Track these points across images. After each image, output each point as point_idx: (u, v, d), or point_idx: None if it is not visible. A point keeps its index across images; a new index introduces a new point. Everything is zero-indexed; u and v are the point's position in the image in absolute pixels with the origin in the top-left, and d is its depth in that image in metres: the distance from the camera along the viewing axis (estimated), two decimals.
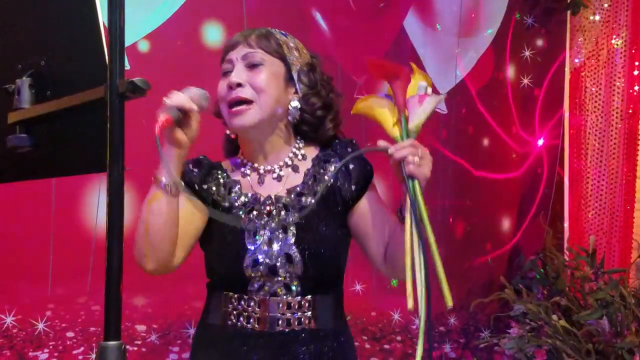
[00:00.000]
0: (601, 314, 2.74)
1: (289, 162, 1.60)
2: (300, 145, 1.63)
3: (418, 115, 1.44)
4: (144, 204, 1.50)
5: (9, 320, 2.49)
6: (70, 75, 1.13)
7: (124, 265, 1.01)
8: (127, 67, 2.38)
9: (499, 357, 3.32)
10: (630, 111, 3.55)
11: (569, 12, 3.64)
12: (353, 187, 1.57)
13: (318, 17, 3.04)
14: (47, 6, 1.19)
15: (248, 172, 1.61)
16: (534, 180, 3.78)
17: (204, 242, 1.61)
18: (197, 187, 1.60)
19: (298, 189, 1.57)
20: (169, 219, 1.48)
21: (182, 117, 1.42)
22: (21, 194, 2.44)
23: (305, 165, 1.61)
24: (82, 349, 2.60)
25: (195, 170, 1.61)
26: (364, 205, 1.59)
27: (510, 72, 3.70)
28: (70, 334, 2.59)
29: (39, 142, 1.17)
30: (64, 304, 2.58)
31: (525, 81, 3.70)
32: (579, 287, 2.93)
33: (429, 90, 1.46)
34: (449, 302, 1.33)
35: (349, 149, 1.59)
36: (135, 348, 2.68)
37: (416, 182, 1.40)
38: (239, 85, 1.53)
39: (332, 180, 1.56)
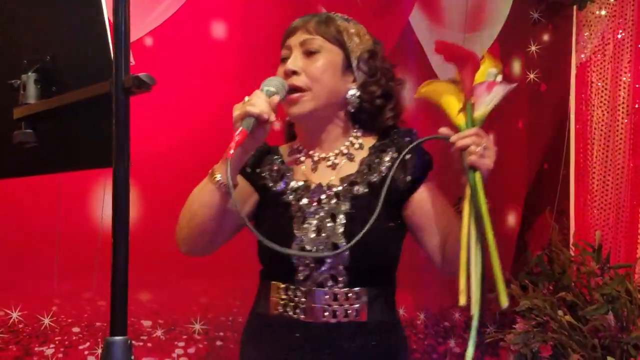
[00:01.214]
0: (607, 309, 2.74)
1: (345, 151, 1.57)
2: (358, 134, 1.58)
3: (485, 104, 1.37)
4: (193, 193, 1.50)
5: (15, 315, 2.50)
6: (76, 71, 1.14)
7: (130, 260, 1.01)
8: (132, 62, 2.38)
9: (505, 352, 3.31)
10: (637, 106, 3.53)
11: (575, 7, 3.62)
12: (408, 178, 1.51)
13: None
14: (52, 2, 1.19)
15: (302, 158, 1.59)
16: (540, 175, 3.77)
17: (256, 228, 1.59)
18: (248, 170, 1.59)
19: (351, 178, 1.53)
20: (214, 213, 1.47)
21: (257, 123, 1.38)
22: (27, 190, 2.45)
23: (361, 155, 1.56)
24: (88, 344, 2.60)
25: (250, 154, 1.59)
26: (420, 197, 1.53)
27: (516, 67, 3.69)
28: (76, 329, 2.60)
29: (44, 138, 1.18)
30: (70, 300, 2.59)
31: (532, 76, 3.69)
32: (585, 282, 2.92)
33: (499, 77, 1.40)
34: (504, 302, 1.30)
35: (407, 138, 1.54)
36: (141, 343, 2.69)
37: (477, 173, 1.34)
38: (295, 72, 1.51)
39: (390, 173, 1.48)
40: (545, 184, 3.76)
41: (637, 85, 3.54)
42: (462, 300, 1.30)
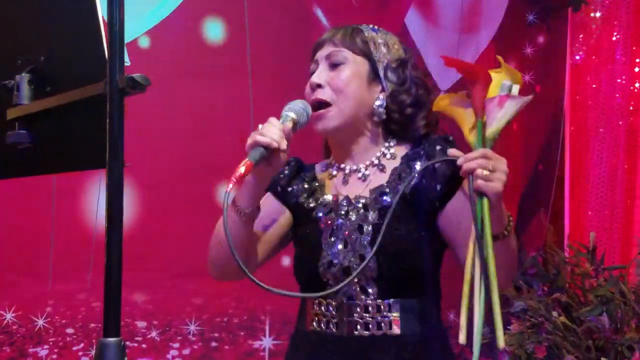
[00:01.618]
0: (601, 310, 2.74)
1: (376, 162, 1.53)
2: (391, 144, 1.55)
3: (497, 120, 1.29)
4: (220, 219, 1.48)
5: (9, 316, 2.50)
6: (70, 71, 1.13)
7: (124, 261, 1.01)
8: (128, 63, 2.38)
9: (499, 353, 3.32)
10: (631, 108, 3.54)
11: (570, 9, 3.63)
12: (438, 187, 1.46)
13: (319, 13, 3.03)
14: (46, 2, 1.18)
15: (335, 172, 1.57)
16: (534, 176, 3.78)
17: (295, 247, 1.60)
18: (280, 190, 1.59)
19: (381, 188, 1.50)
20: (238, 239, 1.44)
21: (267, 153, 1.37)
22: (21, 190, 2.44)
23: (393, 165, 1.53)
24: (82, 345, 2.60)
25: (283, 172, 1.59)
26: (452, 207, 1.46)
27: None
28: (70, 330, 2.59)
29: (38, 139, 1.17)
30: (64, 300, 2.59)
31: (527, 78, 3.70)
32: (580, 283, 2.93)
33: (515, 89, 1.30)
34: (501, 343, 1.21)
35: (438, 147, 1.48)
36: (136, 344, 2.68)
37: (485, 199, 1.26)
38: (319, 86, 1.50)
39: (413, 181, 1.45)
40: (540, 185, 3.76)
41: (631, 87, 3.55)
42: (462, 339, 1.22)
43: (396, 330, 1.46)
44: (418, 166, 1.48)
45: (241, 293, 2.84)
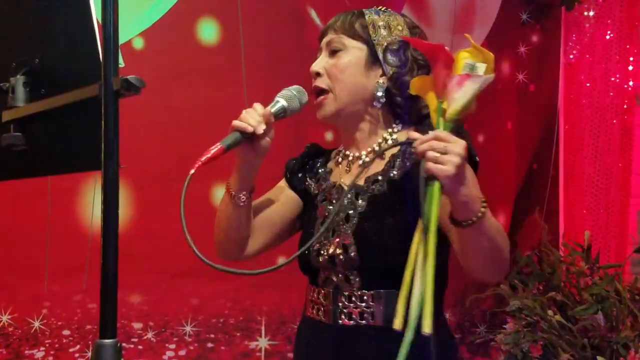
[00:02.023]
0: (596, 309, 2.75)
1: (376, 148, 1.52)
2: (396, 129, 1.53)
3: (455, 101, 1.23)
4: (220, 202, 1.55)
5: (5, 318, 2.49)
6: (65, 73, 1.13)
7: (120, 262, 1.01)
8: (122, 64, 2.38)
9: (495, 352, 3.32)
10: (625, 106, 3.56)
11: (563, 8, 3.64)
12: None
13: (313, 13, 3.03)
14: (40, 4, 1.18)
15: (341, 159, 1.58)
16: (529, 175, 3.79)
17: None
18: (288, 176, 1.62)
19: (376, 176, 1.49)
20: (234, 224, 1.51)
21: (244, 138, 1.39)
22: (17, 192, 2.44)
23: (393, 151, 1.51)
24: (78, 347, 2.60)
25: (296, 158, 1.63)
26: (442, 197, 1.40)
27: (505, 67, 3.71)
28: (66, 332, 2.59)
29: (33, 141, 1.17)
30: (60, 302, 2.58)
31: (520, 77, 3.71)
32: (575, 282, 2.94)
33: (480, 69, 1.25)
34: (426, 328, 1.16)
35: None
36: (132, 346, 2.68)
37: (437, 183, 1.20)
38: (318, 74, 1.51)
39: (406, 167, 1.44)
40: (535, 184, 3.77)
41: (625, 86, 3.56)
42: (397, 324, 1.20)
43: (379, 321, 1.45)
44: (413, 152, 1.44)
45: (237, 294, 2.84)
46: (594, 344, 2.76)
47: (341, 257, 1.46)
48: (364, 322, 1.46)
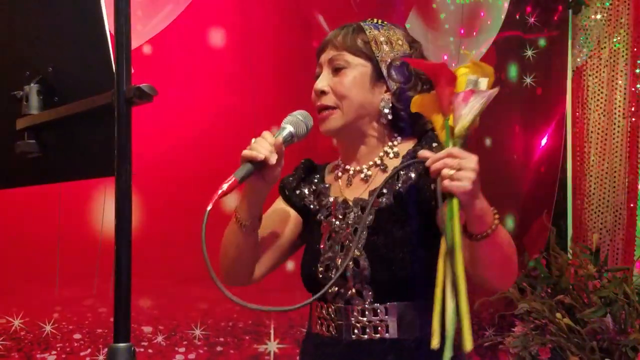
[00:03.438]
0: (605, 311, 2.75)
1: (378, 162, 1.52)
2: (396, 142, 1.53)
3: (463, 117, 1.25)
4: (226, 230, 1.53)
5: (17, 322, 2.51)
6: (78, 82, 1.15)
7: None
8: (132, 70, 2.39)
9: (504, 355, 3.32)
10: (633, 109, 3.55)
11: (570, 11, 3.64)
12: (433, 185, 1.39)
13: (321, 19, 3.05)
14: (54, 13, 1.20)
15: (340, 174, 1.57)
16: (536, 179, 3.79)
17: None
18: (287, 193, 1.59)
19: (383, 189, 1.47)
20: (244, 251, 1.50)
21: (256, 168, 1.38)
22: (28, 198, 2.46)
23: (395, 164, 1.50)
24: (89, 350, 2.62)
25: (292, 175, 1.60)
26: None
27: (513, 71, 3.71)
28: (77, 336, 2.61)
29: (47, 148, 1.19)
30: (71, 306, 2.60)
31: (528, 80, 3.71)
32: (583, 285, 2.93)
33: (482, 83, 1.27)
34: (468, 346, 1.18)
35: (434, 144, 1.44)
36: (142, 349, 2.70)
37: (455, 200, 1.23)
38: (323, 92, 1.49)
39: (411, 179, 1.44)
40: (543, 187, 3.77)
41: (632, 89, 3.56)
42: (435, 343, 1.20)
43: (393, 334, 1.44)
44: (416, 165, 1.45)
45: (245, 298, 2.85)
46: (603, 347, 2.76)
47: (353, 271, 1.44)
48: (377, 335, 1.45)
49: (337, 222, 1.50)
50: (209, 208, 1.32)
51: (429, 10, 3.44)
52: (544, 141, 3.78)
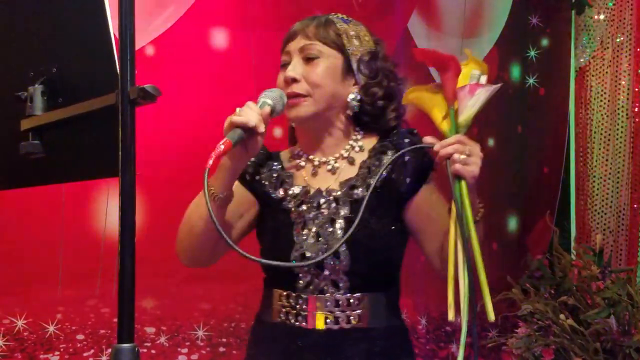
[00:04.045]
0: (608, 312, 2.74)
1: (345, 154, 1.55)
2: (359, 137, 1.57)
3: (468, 108, 1.33)
4: (190, 205, 1.51)
5: (20, 323, 2.51)
6: (82, 82, 1.15)
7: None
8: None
9: (507, 356, 3.32)
10: (636, 109, 3.55)
11: (573, 12, 3.64)
12: (407, 180, 1.50)
13: None
14: (58, 14, 1.20)
15: (303, 163, 1.58)
16: (539, 179, 3.79)
17: (259, 236, 1.60)
18: (248, 178, 1.59)
19: (351, 182, 1.52)
20: (211, 225, 1.45)
21: (245, 135, 1.37)
22: (31, 198, 2.46)
23: (361, 157, 1.55)
24: (92, 351, 2.62)
25: (251, 160, 1.58)
26: (420, 199, 1.51)
27: (515, 71, 3.71)
28: (80, 337, 2.61)
29: (51, 149, 1.19)
30: (74, 307, 2.60)
31: (531, 81, 3.71)
32: (586, 286, 2.93)
33: (483, 79, 1.35)
34: (491, 316, 1.26)
35: (406, 140, 1.52)
36: (145, 350, 2.70)
37: (463, 182, 1.31)
38: (295, 80, 1.50)
39: (383, 173, 1.48)
40: (546, 188, 3.77)
41: (636, 89, 3.56)
42: (451, 316, 1.27)
43: (365, 323, 1.49)
44: (386, 159, 1.51)
45: (248, 298, 2.85)
46: (606, 348, 2.76)
47: (332, 262, 1.47)
48: (349, 325, 1.49)
49: (313, 212, 1.51)
50: (209, 164, 1.31)
51: (431, 11, 3.44)
52: (547, 141, 3.77)
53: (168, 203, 2.69)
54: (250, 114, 1.38)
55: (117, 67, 1.03)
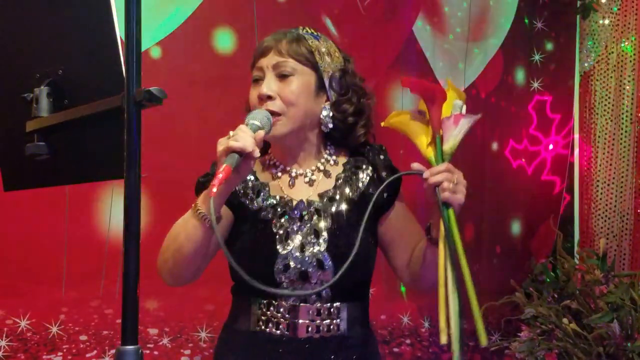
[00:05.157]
0: (612, 317, 2.74)
1: (321, 167, 1.58)
2: (332, 151, 1.61)
3: (454, 137, 1.39)
4: (175, 226, 1.49)
5: (24, 324, 2.52)
6: (88, 84, 1.15)
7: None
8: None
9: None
10: None
11: (578, 16, 3.64)
12: (385, 195, 1.55)
13: (328, 22, 3.05)
14: (64, 16, 1.20)
15: (279, 174, 1.59)
16: (543, 183, 3.78)
17: (231, 247, 1.56)
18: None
19: (330, 193, 1.55)
20: (199, 247, 1.46)
21: (241, 159, 1.36)
22: (35, 199, 2.47)
23: (336, 171, 1.59)
24: (95, 352, 2.62)
25: None
26: (393, 213, 1.58)
27: (520, 76, 3.71)
28: (83, 337, 2.61)
29: (56, 150, 1.20)
30: (77, 308, 2.61)
31: (535, 85, 3.71)
32: (590, 290, 2.93)
33: (464, 109, 1.41)
34: (483, 341, 1.28)
35: (381, 156, 1.58)
36: (148, 351, 2.70)
37: (451, 209, 1.36)
38: (270, 97, 1.51)
39: (360, 188, 1.54)
40: (549, 192, 3.77)
41: None
42: (443, 339, 1.29)
43: (344, 332, 1.53)
44: (362, 174, 1.57)
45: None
46: (609, 353, 2.75)
47: (317, 272, 1.49)
48: (329, 334, 1.52)
49: (296, 224, 1.52)
50: (214, 191, 1.28)
51: (436, 15, 3.44)
52: (550, 146, 3.77)
53: (173, 206, 2.69)
54: (246, 138, 1.37)
55: (123, 69, 1.03)
